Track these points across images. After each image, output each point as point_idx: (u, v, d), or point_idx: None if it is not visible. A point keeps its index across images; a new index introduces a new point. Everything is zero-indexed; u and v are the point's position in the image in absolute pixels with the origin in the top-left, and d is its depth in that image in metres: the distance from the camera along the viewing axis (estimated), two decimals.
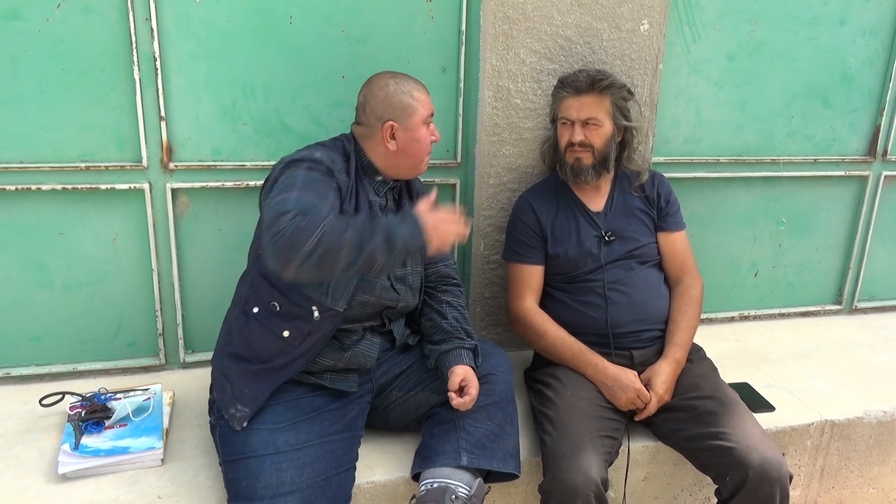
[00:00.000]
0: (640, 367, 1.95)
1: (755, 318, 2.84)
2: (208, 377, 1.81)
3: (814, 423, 2.12)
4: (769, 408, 2.16)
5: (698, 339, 2.08)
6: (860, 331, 2.79)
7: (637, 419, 1.91)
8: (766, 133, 2.60)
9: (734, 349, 2.57)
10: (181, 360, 2.24)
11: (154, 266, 2.13)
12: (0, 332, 2.09)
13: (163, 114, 2.01)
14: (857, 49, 2.59)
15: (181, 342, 2.22)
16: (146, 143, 2.02)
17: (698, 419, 1.82)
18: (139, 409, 1.90)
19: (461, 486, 1.61)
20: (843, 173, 2.74)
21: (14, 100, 1.92)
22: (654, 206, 2.09)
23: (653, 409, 1.88)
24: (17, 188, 1.97)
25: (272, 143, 2.12)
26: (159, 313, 2.18)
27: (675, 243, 2.09)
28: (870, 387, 2.33)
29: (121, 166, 2.03)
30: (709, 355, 2.10)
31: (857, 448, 2.20)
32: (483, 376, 1.79)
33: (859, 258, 2.88)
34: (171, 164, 2.06)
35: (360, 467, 1.73)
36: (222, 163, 2.10)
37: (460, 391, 1.72)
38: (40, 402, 1.94)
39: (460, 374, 1.73)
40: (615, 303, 1.98)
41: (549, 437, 1.77)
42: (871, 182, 2.78)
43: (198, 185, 2.10)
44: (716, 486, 1.80)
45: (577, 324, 2.00)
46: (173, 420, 1.95)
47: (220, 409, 1.69)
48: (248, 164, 2.11)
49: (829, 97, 2.63)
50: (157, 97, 1.99)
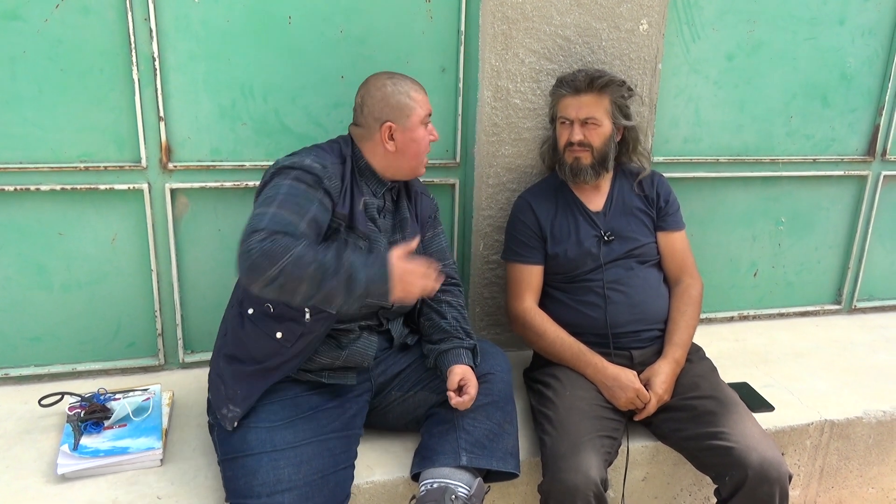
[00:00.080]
0: (639, 366, 1.95)
1: (754, 317, 2.84)
2: (207, 377, 1.81)
3: (813, 423, 2.12)
4: (768, 408, 2.16)
5: (698, 339, 2.08)
6: (859, 330, 2.79)
7: (636, 419, 1.91)
8: (766, 133, 2.60)
9: (733, 349, 2.57)
10: (180, 361, 2.24)
11: (153, 266, 2.12)
12: None
13: (162, 114, 2.01)
14: (857, 49, 2.59)
15: (180, 342, 2.22)
16: (145, 144, 2.02)
17: (698, 419, 1.82)
18: (138, 410, 1.90)
19: (461, 486, 1.61)
20: (842, 173, 2.74)
21: (13, 100, 1.92)
22: (653, 205, 2.09)
23: (652, 408, 1.88)
24: (16, 189, 1.97)
25: (271, 144, 2.12)
26: (158, 313, 2.18)
27: (674, 243, 2.09)
28: (869, 386, 2.33)
29: (120, 167, 2.03)
30: (708, 355, 2.10)
31: (856, 448, 2.20)
32: (482, 376, 1.79)
33: (858, 258, 2.88)
34: (171, 165, 2.06)
35: (359, 467, 1.73)
36: (221, 163, 2.10)
37: (459, 390, 1.72)
38: (39, 402, 1.94)
39: (459, 373, 1.74)
40: (614, 302, 1.98)
41: (548, 437, 1.77)
42: (871, 182, 2.78)
43: (197, 185, 2.10)
44: (715, 486, 1.80)
45: (577, 324, 2.00)
46: (172, 420, 1.95)
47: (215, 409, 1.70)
48: (247, 164, 2.11)
49: (829, 97, 2.63)
50: (156, 97, 1.99)
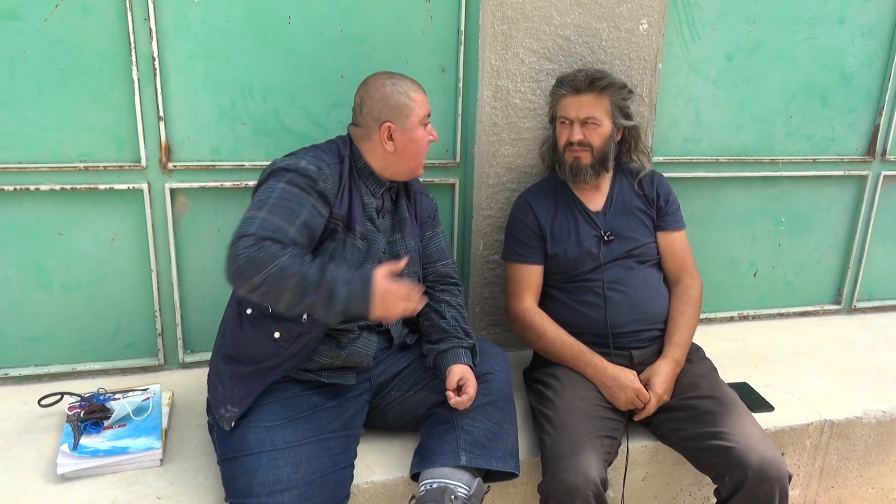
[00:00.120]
0: (639, 366, 1.95)
1: (754, 317, 2.84)
2: (207, 377, 1.81)
3: (813, 423, 2.12)
4: (768, 407, 2.16)
5: (697, 339, 2.08)
6: (859, 330, 2.79)
7: (636, 419, 1.91)
8: (766, 133, 2.60)
9: (733, 349, 2.57)
10: (180, 361, 2.24)
11: (153, 266, 2.12)
12: None
13: (161, 114, 2.00)
14: (856, 49, 2.59)
15: (180, 342, 2.22)
16: (145, 144, 2.02)
17: (697, 419, 1.82)
18: (138, 410, 1.90)
19: (460, 486, 1.61)
20: (842, 173, 2.74)
21: (12, 100, 1.92)
22: (653, 205, 2.08)
23: (652, 408, 1.88)
24: (15, 188, 1.97)
25: (271, 144, 2.12)
26: (158, 313, 2.18)
27: (674, 243, 2.09)
28: (869, 386, 2.33)
29: (119, 166, 2.03)
30: (708, 355, 2.10)
31: (856, 448, 2.19)
32: (481, 375, 1.79)
33: (858, 258, 2.88)
34: (170, 165, 2.06)
35: (359, 467, 1.73)
36: (221, 163, 2.10)
37: (458, 390, 1.72)
38: (39, 402, 1.94)
39: (458, 373, 1.74)
40: (614, 302, 1.98)
41: (548, 436, 1.77)
42: (871, 182, 2.78)
43: (196, 185, 2.10)
44: (715, 486, 1.80)
45: (577, 324, 2.00)
46: (172, 420, 1.95)
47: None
48: (246, 164, 2.11)
49: (828, 97, 2.63)
50: (156, 97, 1.99)
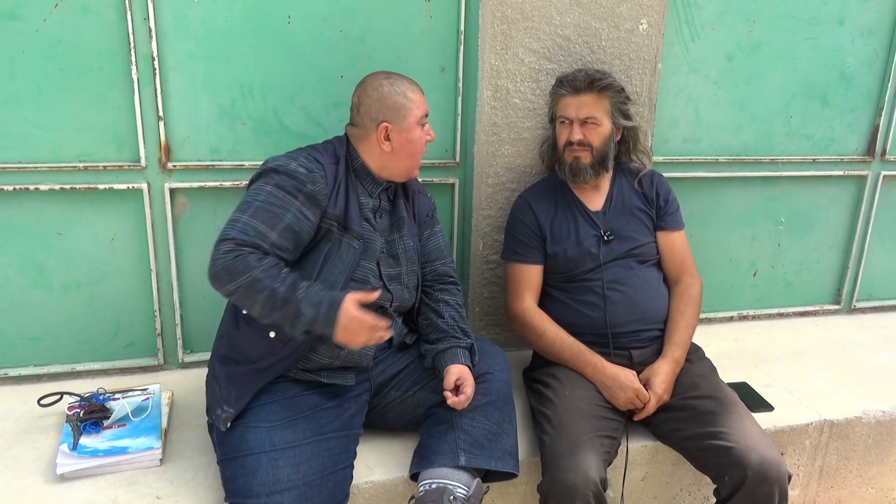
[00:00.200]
0: (639, 366, 1.95)
1: (754, 317, 2.84)
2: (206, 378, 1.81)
3: (812, 423, 2.12)
4: (768, 407, 2.16)
5: (697, 339, 2.08)
6: (859, 330, 2.79)
7: (636, 419, 1.91)
8: (765, 133, 2.60)
9: (733, 349, 2.57)
10: (180, 360, 2.24)
11: (152, 266, 2.12)
12: None
13: (161, 114, 2.00)
14: (856, 49, 2.59)
15: (180, 342, 2.22)
16: (144, 143, 2.02)
17: (697, 419, 1.82)
18: (138, 410, 1.90)
19: (459, 487, 1.61)
20: (841, 173, 2.74)
21: (12, 100, 1.91)
22: (653, 205, 2.08)
23: (652, 408, 1.87)
24: (15, 188, 1.97)
25: (270, 143, 2.12)
26: (158, 313, 2.18)
27: (673, 243, 2.09)
28: (868, 386, 2.33)
29: (119, 166, 2.03)
30: (708, 355, 2.10)
31: (855, 448, 2.20)
32: (480, 375, 1.79)
33: (858, 258, 2.88)
34: (170, 164, 2.05)
35: (358, 467, 1.73)
36: (221, 163, 2.10)
37: (456, 390, 1.72)
38: (39, 402, 1.94)
39: (455, 373, 1.74)
40: (614, 302, 1.98)
41: (547, 436, 1.77)
42: (870, 182, 2.78)
43: (196, 184, 2.09)
44: (714, 486, 1.80)
45: (576, 323, 2.00)
46: (172, 420, 1.95)
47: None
48: (246, 163, 2.11)
49: (828, 97, 2.63)
50: (156, 97, 1.99)
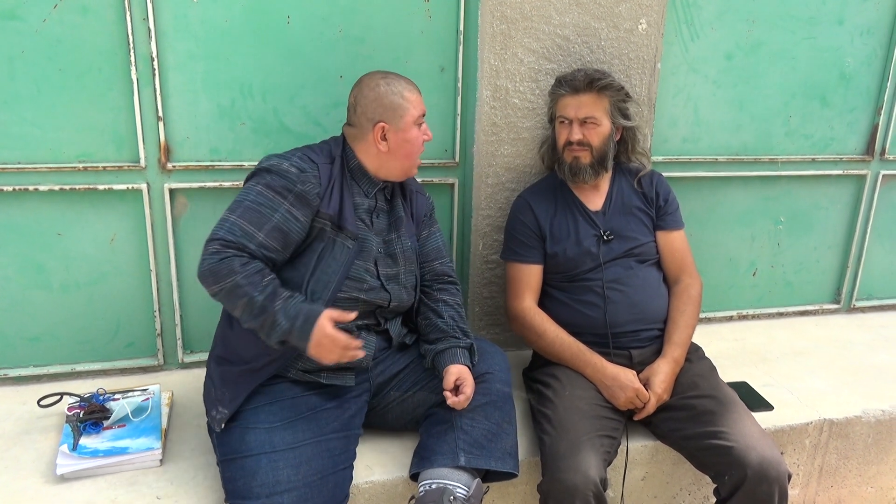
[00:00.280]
0: (638, 366, 1.95)
1: (754, 317, 2.84)
2: None
3: (812, 423, 2.12)
4: (768, 407, 2.16)
5: (697, 339, 2.08)
6: (858, 330, 2.79)
7: (636, 419, 1.91)
8: (765, 132, 2.60)
9: (733, 348, 2.57)
10: (179, 361, 2.24)
11: (152, 266, 2.12)
12: None
13: (160, 114, 2.00)
14: (855, 48, 2.59)
15: (179, 342, 2.22)
16: (144, 144, 2.02)
17: (697, 418, 1.82)
18: (138, 410, 1.90)
19: (459, 487, 1.61)
20: (841, 172, 2.74)
21: (11, 100, 1.91)
22: (652, 205, 2.08)
23: (651, 408, 1.88)
24: (14, 189, 1.97)
25: (270, 143, 2.12)
26: (158, 314, 2.18)
27: (673, 242, 2.09)
28: (868, 386, 2.33)
29: (118, 167, 2.03)
30: (707, 354, 2.10)
31: (855, 447, 2.20)
32: (480, 375, 1.79)
33: (857, 257, 2.88)
34: (169, 165, 2.05)
35: (358, 467, 1.73)
36: (220, 163, 2.10)
37: (455, 390, 1.72)
38: (38, 402, 1.94)
39: (455, 373, 1.74)
40: (614, 302, 1.98)
41: (547, 436, 1.77)
42: (869, 181, 2.78)
43: (196, 185, 2.09)
44: (714, 486, 1.80)
45: (576, 323, 2.00)
46: (172, 420, 1.95)
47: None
48: (246, 164, 2.11)
49: (828, 96, 2.63)
50: (155, 97, 1.99)
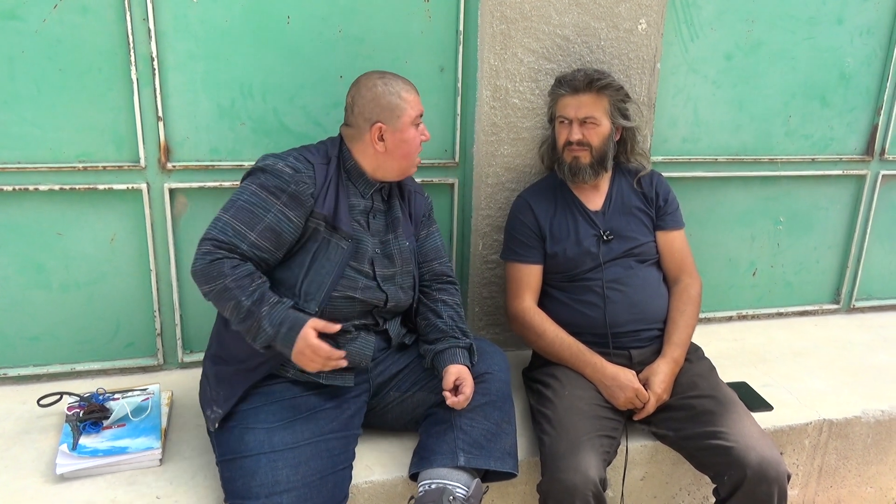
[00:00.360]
0: (638, 366, 1.95)
1: (753, 317, 2.84)
2: None
3: (812, 423, 2.12)
4: (767, 407, 2.16)
5: (696, 339, 2.08)
6: (858, 330, 2.79)
7: (635, 419, 1.91)
8: (764, 132, 2.60)
9: (732, 348, 2.57)
10: (179, 360, 2.24)
11: (152, 266, 2.12)
12: None
13: (160, 114, 2.00)
14: (855, 48, 2.59)
15: (179, 342, 2.22)
16: (144, 144, 2.02)
17: (696, 418, 1.82)
18: (137, 410, 1.90)
19: (459, 487, 1.61)
20: (840, 172, 2.75)
21: (11, 100, 1.92)
22: (652, 205, 2.09)
23: (651, 408, 1.88)
24: (14, 188, 1.97)
25: (270, 143, 2.12)
26: (157, 313, 2.18)
27: (673, 242, 2.09)
28: (868, 386, 2.33)
29: (118, 166, 2.03)
30: (707, 355, 2.10)
31: (854, 447, 2.20)
32: (479, 375, 1.79)
33: (857, 257, 2.88)
34: (169, 165, 2.05)
35: (358, 467, 1.73)
36: (220, 163, 2.10)
37: (455, 390, 1.72)
38: (38, 402, 1.94)
39: (454, 373, 1.74)
40: (614, 302, 1.98)
41: (547, 436, 1.77)
42: (869, 181, 2.78)
43: (196, 185, 2.10)
44: (714, 486, 1.80)
45: (576, 323, 2.00)
46: (171, 420, 1.95)
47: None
48: (246, 164, 2.10)
49: (827, 96, 2.63)
50: (155, 97, 1.99)
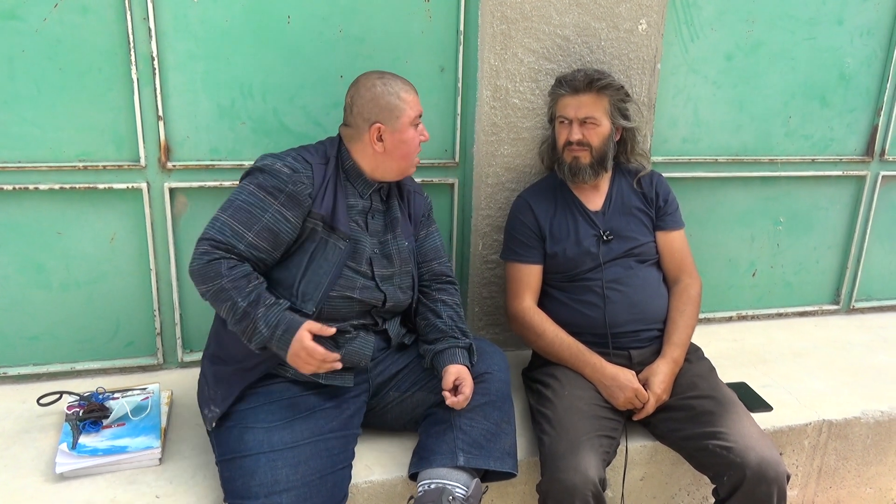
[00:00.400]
0: (638, 366, 1.95)
1: (753, 317, 2.84)
2: None
3: (811, 423, 2.12)
4: (767, 407, 2.16)
5: (696, 339, 2.08)
6: (857, 331, 2.80)
7: (635, 419, 1.91)
8: (764, 133, 2.60)
9: (732, 349, 2.57)
10: (179, 360, 2.24)
11: (152, 265, 2.12)
12: None
13: (161, 113, 2.00)
14: (855, 49, 2.59)
15: (179, 341, 2.22)
16: (144, 143, 2.02)
17: (696, 419, 1.82)
18: (137, 409, 1.90)
19: (458, 487, 1.61)
20: (840, 173, 2.75)
21: (12, 100, 1.92)
22: (652, 205, 2.09)
23: (651, 408, 1.88)
24: (14, 188, 1.97)
25: (270, 143, 2.12)
26: (157, 313, 2.18)
27: (673, 242, 2.09)
28: (867, 387, 2.33)
29: (118, 166, 2.03)
30: (707, 355, 2.10)
31: (854, 448, 2.20)
32: (479, 375, 1.79)
33: (857, 258, 2.88)
34: (169, 164, 2.06)
35: (357, 467, 1.73)
36: (220, 162, 2.10)
37: (454, 390, 1.72)
38: (38, 401, 1.94)
39: (454, 373, 1.74)
40: (613, 302, 1.98)
41: (547, 436, 1.77)
42: (869, 182, 2.78)
43: (196, 184, 2.10)
44: (713, 486, 1.80)
45: (576, 323, 2.00)
46: (171, 419, 1.95)
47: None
48: (246, 163, 2.10)
49: (827, 97, 2.63)
50: (155, 97, 1.99)
